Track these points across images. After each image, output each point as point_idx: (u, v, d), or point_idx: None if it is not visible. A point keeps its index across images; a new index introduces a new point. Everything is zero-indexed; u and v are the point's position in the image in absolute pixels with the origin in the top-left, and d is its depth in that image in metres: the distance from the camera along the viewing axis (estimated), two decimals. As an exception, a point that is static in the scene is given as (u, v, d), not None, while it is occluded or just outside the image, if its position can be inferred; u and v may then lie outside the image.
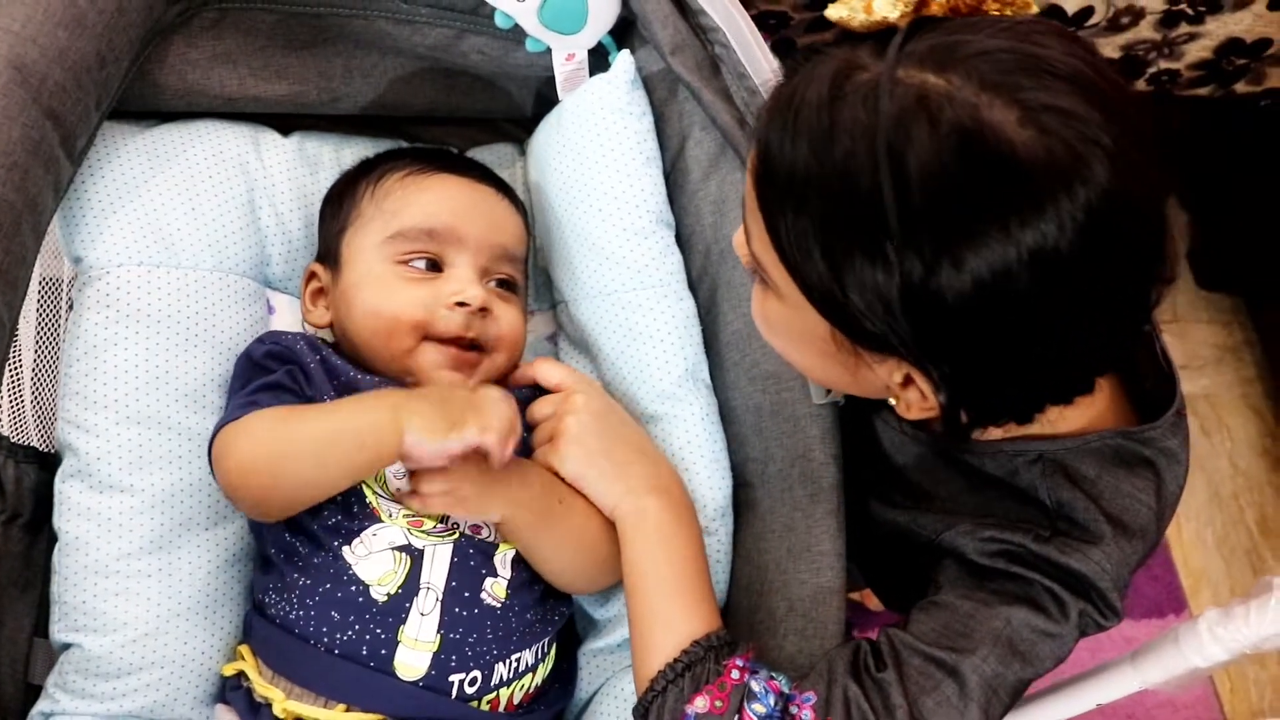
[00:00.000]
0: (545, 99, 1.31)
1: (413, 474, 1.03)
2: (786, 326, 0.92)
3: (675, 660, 1.00)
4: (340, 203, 1.20)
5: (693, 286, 1.22)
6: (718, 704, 0.96)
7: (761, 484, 1.17)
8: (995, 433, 0.99)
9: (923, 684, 0.95)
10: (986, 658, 0.95)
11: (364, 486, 1.06)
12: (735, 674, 0.98)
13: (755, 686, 0.97)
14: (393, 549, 1.04)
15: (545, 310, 1.33)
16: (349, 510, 1.05)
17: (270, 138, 1.27)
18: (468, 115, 1.37)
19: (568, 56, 1.24)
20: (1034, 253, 0.74)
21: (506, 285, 1.18)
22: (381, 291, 1.13)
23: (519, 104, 1.36)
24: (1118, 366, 1.01)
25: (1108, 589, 0.95)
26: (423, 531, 1.06)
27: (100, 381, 1.09)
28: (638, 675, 1.03)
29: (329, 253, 1.19)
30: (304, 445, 1.01)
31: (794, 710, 0.97)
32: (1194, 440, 2.27)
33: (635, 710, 1.02)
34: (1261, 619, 1.19)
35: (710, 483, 1.16)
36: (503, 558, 1.09)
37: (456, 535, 1.07)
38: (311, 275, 1.21)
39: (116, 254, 1.13)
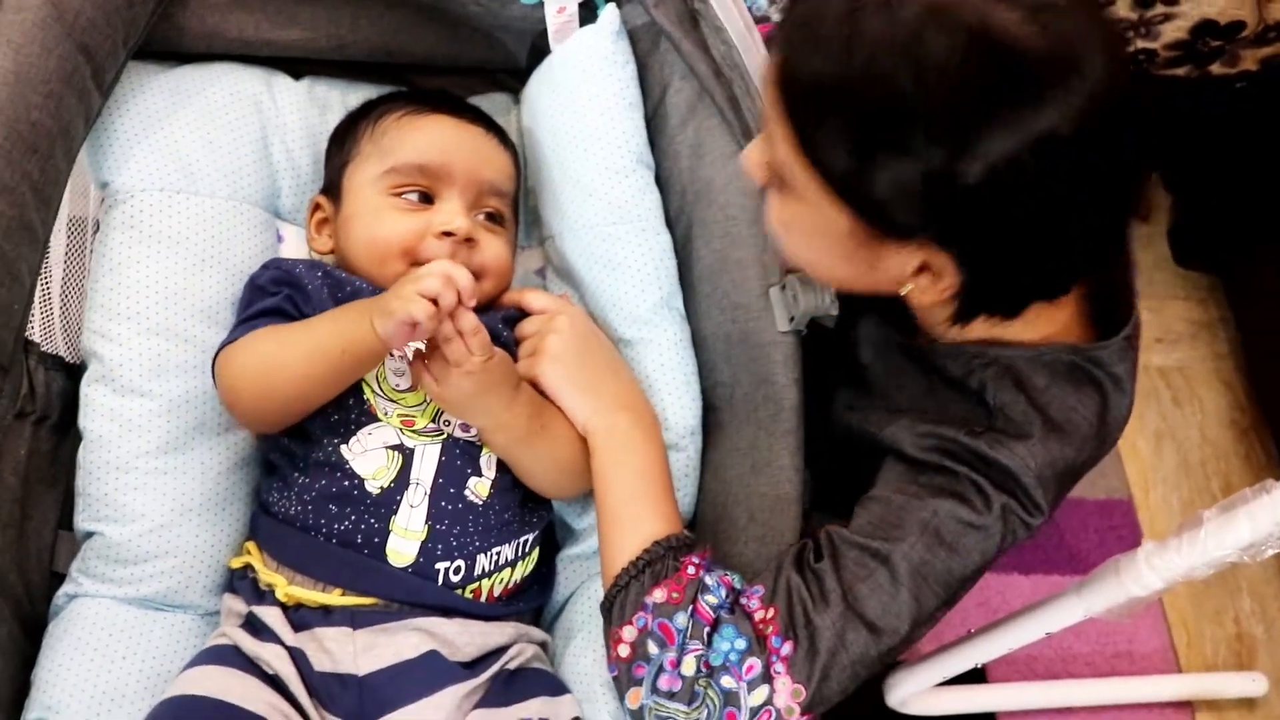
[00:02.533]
0: (539, 51, 1.40)
1: (413, 369, 1.13)
2: (808, 228, 0.98)
3: (637, 558, 1.08)
4: (343, 140, 1.29)
5: (670, 224, 1.31)
6: (674, 595, 1.05)
7: (728, 406, 1.26)
8: (970, 332, 1.06)
9: (857, 572, 1.04)
10: (915, 545, 1.04)
11: (364, 385, 1.16)
12: (691, 569, 1.07)
13: (709, 580, 1.07)
14: (386, 447, 1.14)
15: (534, 246, 1.42)
16: (347, 409, 1.15)
17: (283, 80, 1.36)
18: (467, 65, 1.46)
19: (559, 9, 1.34)
20: (1039, 138, 0.82)
21: (493, 218, 1.27)
22: (375, 221, 1.22)
23: (514, 55, 1.45)
24: (1097, 269, 1.07)
25: (1031, 484, 1.03)
26: (414, 432, 1.16)
27: (124, 295, 1.19)
28: (605, 574, 1.12)
29: (332, 186, 1.29)
30: (291, 355, 1.11)
31: (743, 601, 1.07)
32: (1165, 410, 2.35)
33: (601, 605, 1.11)
34: (1192, 549, 1.27)
35: (681, 403, 1.25)
36: (488, 459, 1.18)
37: (445, 436, 1.16)
38: (316, 206, 1.30)
39: (140, 180, 1.23)
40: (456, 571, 1.13)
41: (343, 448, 1.14)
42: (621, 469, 1.15)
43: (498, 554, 1.16)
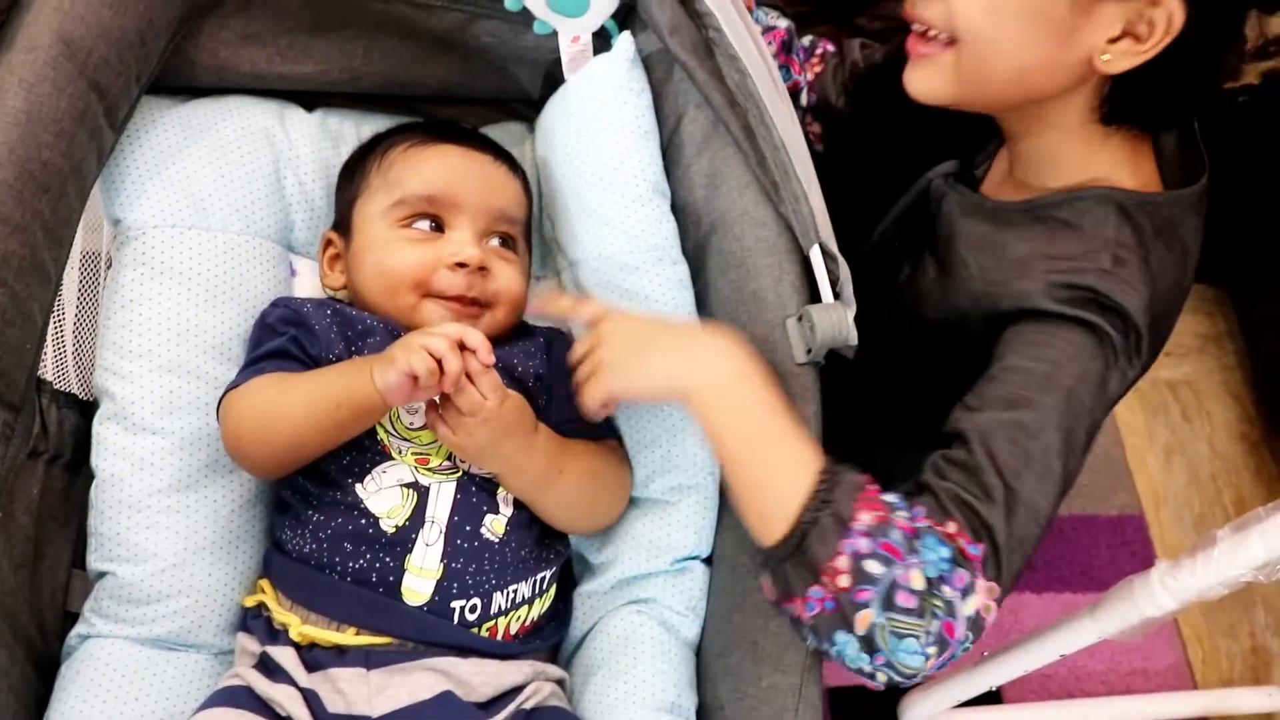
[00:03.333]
0: (553, 80, 1.39)
1: (428, 418, 1.12)
2: (1024, 7, 1.04)
3: (815, 490, 0.99)
4: (352, 175, 1.29)
5: (686, 254, 1.30)
6: (879, 513, 0.98)
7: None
8: (1057, 179, 1.17)
9: (1011, 454, 1.02)
10: (1064, 415, 1.04)
11: (377, 426, 1.15)
12: (871, 486, 1.01)
13: (889, 497, 1.01)
14: (401, 486, 1.13)
15: (551, 276, 1.41)
16: (361, 448, 1.14)
17: (295, 113, 1.36)
18: (480, 95, 1.45)
19: (573, 39, 1.32)
20: None
21: (506, 243, 1.26)
22: (385, 253, 1.21)
23: (528, 85, 1.45)
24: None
25: (1143, 329, 1.08)
26: (429, 469, 1.15)
27: (136, 333, 1.18)
28: (763, 528, 1.02)
29: (342, 221, 1.28)
30: (291, 405, 1.10)
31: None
32: (1174, 424, 2.34)
33: (769, 557, 1.01)
34: (1206, 569, 1.27)
35: (700, 439, 1.23)
36: (504, 495, 1.17)
37: (460, 474, 1.15)
38: (328, 242, 1.30)
39: (152, 216, 1.22)
40: (472, 610, 1.12)
41: (357, 486, 1.13)
42: (734, 429, 1.05)
43: (514, 591, 1.15)
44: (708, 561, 1.25)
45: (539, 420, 1.16)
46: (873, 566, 0.96)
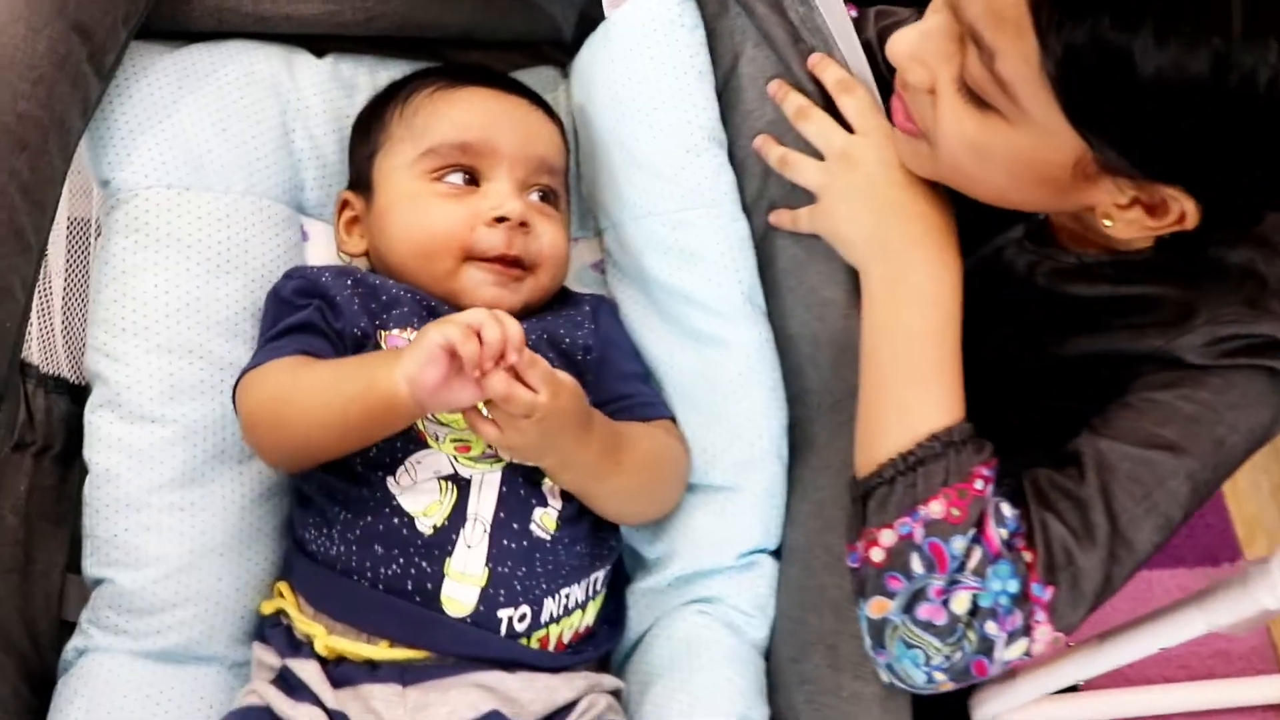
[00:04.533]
0: (589, 20, 1.26)
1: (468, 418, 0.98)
2: (1010, 154, 0.87)
3: (907, 452, 0.92)
4: (369, 127, 1.16)
5: (746, 210, 1.17)
6: (954, 512, 0.90)
7: (818, 417, 1.11)
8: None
9: (1129, 494, 0.92)
10: (1205, 463, 0.93)
11: None
12: (979, 484, 0.91)
13: (1005, 510, 0.92)
14: (439, 478, 1.01)
15: (590, 237, 1.28)
16: (391, 435, 1.01)
17: (304, 59, 1.22)
18: (508, 38, 1.32)
19: (611, -33, 1.19)
20: None
21: (547, 197, 1.14)
22: (416, 211, 1.09)
23: (561, 25, 1.31)
24: None
25: None
26: (470, 459, 1.02)
27: (129, 308, 1.06)
28: (861, 453, 0.96)
29: (361, 179, 1.16)
30: (306, 396, 0.98)
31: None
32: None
33: (852, 488, 0.96)
34: None
35: (768, 413, 1.12)
36: (552, 486, 1.05)
37: (505, 462, 1.03)
38: (345, 204, 1.17)
39: (145, 176, 1.09)
40: (521, 619, 0.99)
41: (389, 480, 1.00)
42: (889, 334, 0.96)
43: (567, 596, 1.02)
44: (776, 555, 1.13)
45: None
46: (915, 562, 0.90)
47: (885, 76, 1.05)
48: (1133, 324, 1.01)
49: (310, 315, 1.05)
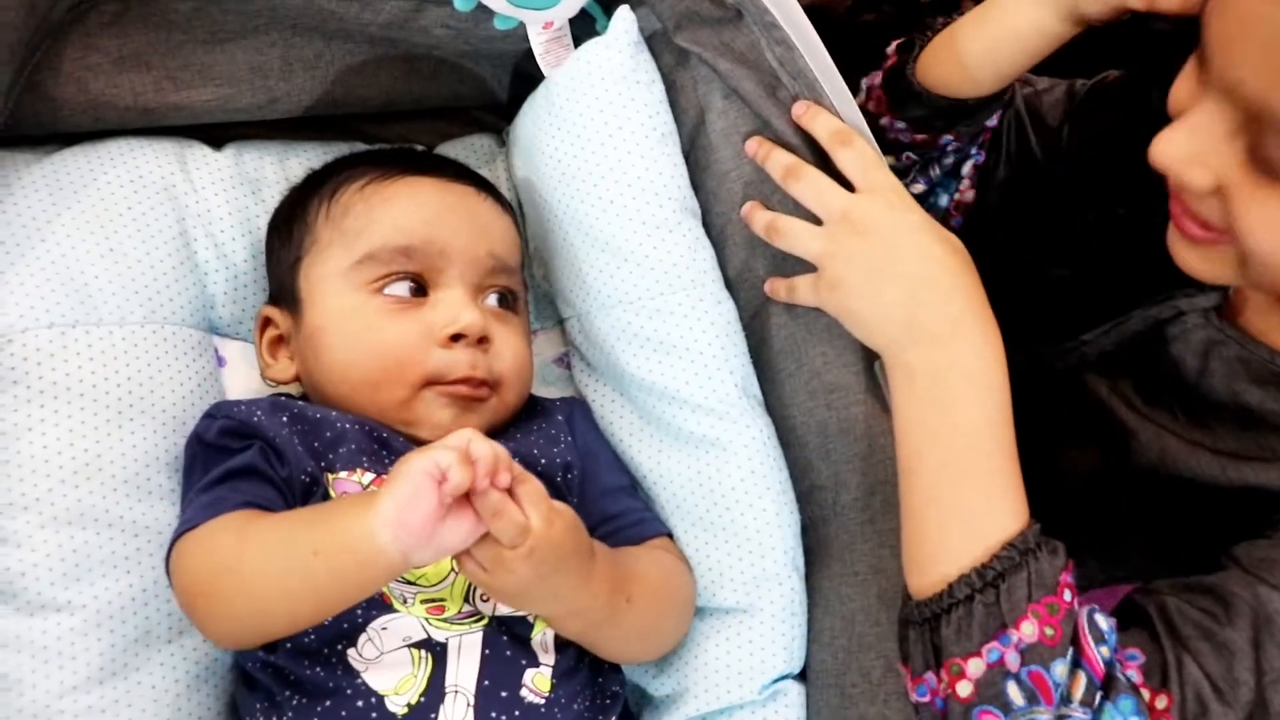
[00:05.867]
0: (526, 78, 1.12)
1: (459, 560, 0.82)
2: None
3: (984, 566, 0.80)
4: (289, 229, 1.01)
5: (730, 286, 1.04)
6: (1048, 632, 0.78)
7: (835, 518, 0.98)
8: None
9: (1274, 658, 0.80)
10: None
11: None
12: (1068, 595, 0.80)
13: (1100, 621, 0.80)
14: (409, 646, 0.86)
15: (550, 328, 1.14)
16: None
17: (200, 153, 1.07)
18: (434, 105, 1.18)
19: (545, 24, 1.04)
20: None
21: (505, 300, 1.00)
22: (359, 331, 0.94)
23: (494, 86, 1.17)
24: None
25: None
26: (444, 620, 0.87)
27: (16, 478, 0.88)
28: (917, 572, 0.85)
29: (284, 291, 1.00)
30: (254, 561, 0.82)
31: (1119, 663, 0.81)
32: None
33: (911, 611, 0.84)
34: None
35: (780, 520, 0.98)
36: (541, 639, 0.90)
37: (485, 620, 0.88)
38: (266, 321, 1.01)
39: (21, 315, 0.92)
40: (516, 805, 0.84)
41: (350, 654, 0.85)
42: (931, 431, 0.85)
43: None
44: (800, 676, 0.99)
45: None
46: (1013, 693, 0.79)
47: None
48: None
49: (253, 459, 0.89)
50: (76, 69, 0.99)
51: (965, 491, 0.83)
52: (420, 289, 0.96)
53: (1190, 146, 0.79)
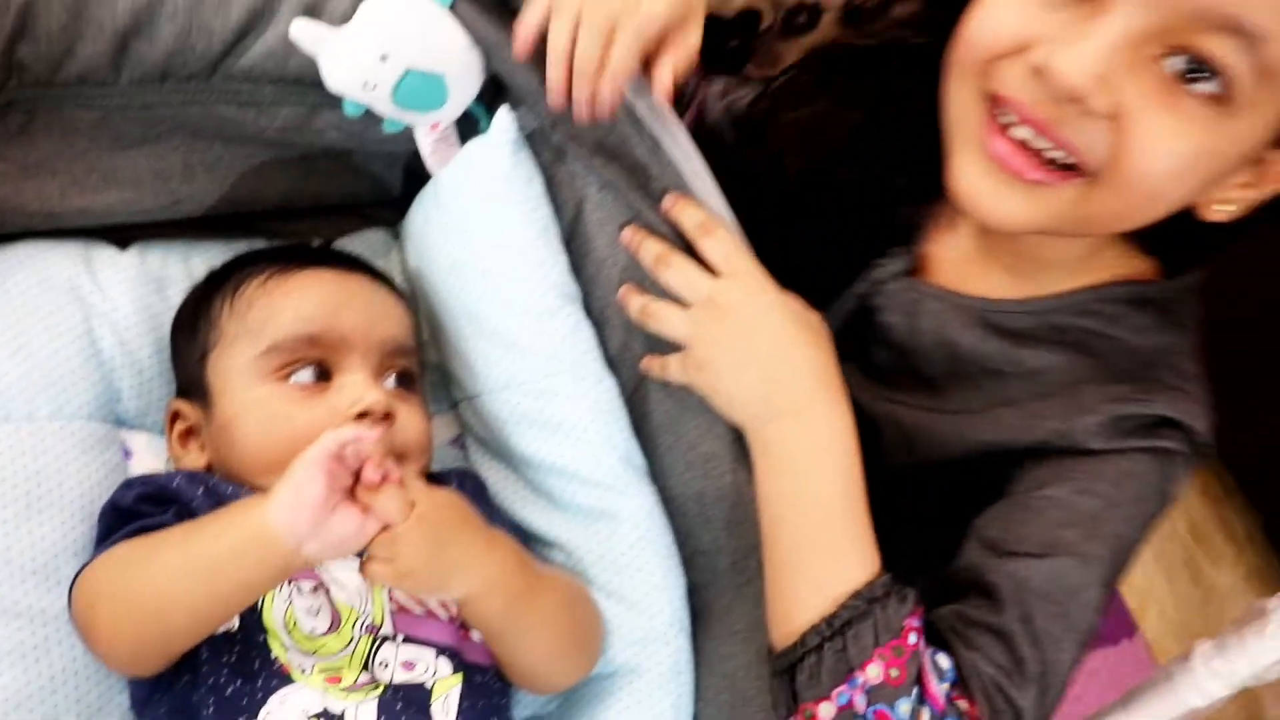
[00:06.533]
0: (417, 174, 1.17)
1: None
2: (1219, 152, 0.80)
3: (832, 615, 0.86)
4: (194, 326, 1.05)
5: (611, 364, 1.09)
6: (893, 673, 0.84)
7: (716, 580, 1.03)
8: (1079, 278, 0.97)
9: (1049, 617, 0.88)
10: (1110, 564, 0.91)
11: (268, 639, 0.90)
12: (913, 638, 0.84)
13: (940, 660, 0.86)
14: (309, 717, 0.88)
15: (445, 412, 1.18)
16: (250, 673, 0.88)
17: (105, 254, 1.10)
18: (330, 202, 1.23)
19: (431, 126, 1.11)
20: None
21: (404, 380, 1.05)
22: (269, 418, 0.98)
23: (387, 184, 1.22)
24: None
25: (1208, 437, 0.93)
26: (343, 689, 0.90)
27: (-75, 574, 0.91)
28: (778, 625, 0.91)
29: (193, 384, 1.04)
30: (158, 559, 0.86)
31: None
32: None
33: (773, 661, 0.91)
34: (1260, 647, 1.12)
35: (667, 583, 1.03)
36: (442, 704, 0.93)
37: (382, 689, 0.91)
38: (175, 415, 1.05)
39: (-69, 415, 0.95)
40: None
41: None
42: (796, 497, 0.91)
43: None
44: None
45: None
46: None
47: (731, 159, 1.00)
48: (1023, 403, 0.98)
49: (168, 521, 0.92)
50: (-17, 178, 1.03)
51: (819, 552, 0.89)
52: (324, 374, 1.00)
53: (1106, 63, 0.77)
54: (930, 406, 1.02)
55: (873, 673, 0.84)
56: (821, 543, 0.89)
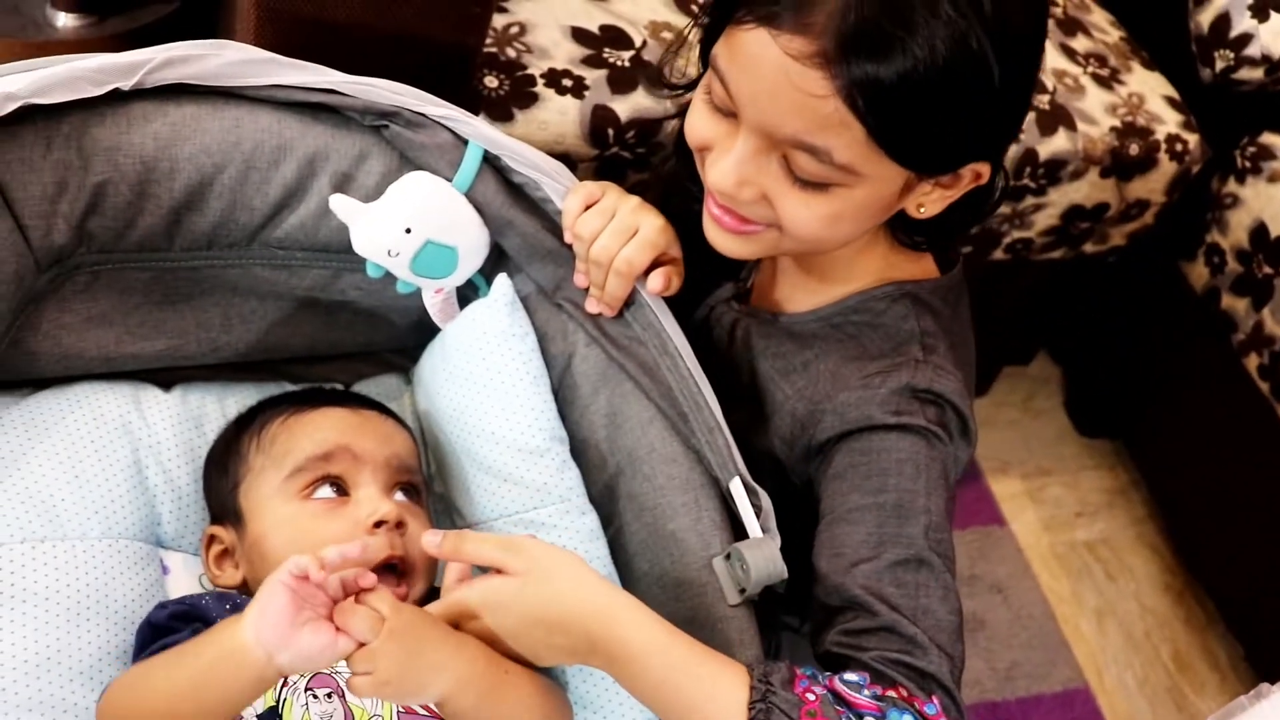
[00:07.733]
0: (427, 326, 1.32)
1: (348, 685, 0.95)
2: (859, 206, 1.01)
3: (751, 704, 0.89)
4: (225, 462, 1.18)
5: (593, 501, 1.22)
6: (819, 694, 0.89)
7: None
8: (846, 284, 1.16)
9: (911, 598, 0.99)
10: (930, 535, 1.02)
11: None
12: (811, 696, 0.90)
13: (839, 684, 0.91)
14: None
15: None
16: None
17: (151, 394, 1.25)
18: (350, 350, 1.37)
19: (436, 290, 1.26)
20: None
21: (410, 492, 1.17)
22: (297, 534, 1.10)
23: (401, 334, 1.37)
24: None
25: (966, 411, 1.09)
26: None
27: (-13, 671, 1.03)
28: None
29: (226, 510, 1.17)
30: (155, 684, 0.96)
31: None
32: (1100, 585, 2.32)
33: None
34: None
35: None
36: None
37: None
38: (211, 539, 1.17)
39: (-1, 532, 1.09)
40: None
41: None
42: (641, 691, 0.95)
43: None
44: None
45: None
46: None
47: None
48: (803, 391, 1.14)
49: (185, 637, 1.02)
50: (52, 327, 1.17)
51: (701, 700, 0.91)
52: (342, 490, 1.12)
53: (741, 172, 1.00)
54: (748, 418, 1.17)
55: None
56: (697, 691, 0.92)
